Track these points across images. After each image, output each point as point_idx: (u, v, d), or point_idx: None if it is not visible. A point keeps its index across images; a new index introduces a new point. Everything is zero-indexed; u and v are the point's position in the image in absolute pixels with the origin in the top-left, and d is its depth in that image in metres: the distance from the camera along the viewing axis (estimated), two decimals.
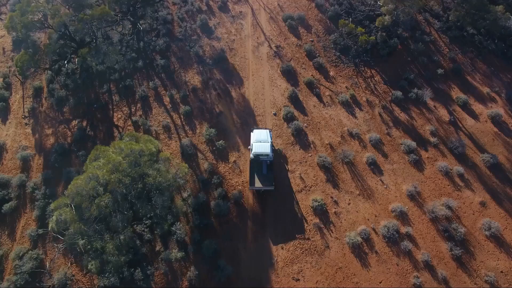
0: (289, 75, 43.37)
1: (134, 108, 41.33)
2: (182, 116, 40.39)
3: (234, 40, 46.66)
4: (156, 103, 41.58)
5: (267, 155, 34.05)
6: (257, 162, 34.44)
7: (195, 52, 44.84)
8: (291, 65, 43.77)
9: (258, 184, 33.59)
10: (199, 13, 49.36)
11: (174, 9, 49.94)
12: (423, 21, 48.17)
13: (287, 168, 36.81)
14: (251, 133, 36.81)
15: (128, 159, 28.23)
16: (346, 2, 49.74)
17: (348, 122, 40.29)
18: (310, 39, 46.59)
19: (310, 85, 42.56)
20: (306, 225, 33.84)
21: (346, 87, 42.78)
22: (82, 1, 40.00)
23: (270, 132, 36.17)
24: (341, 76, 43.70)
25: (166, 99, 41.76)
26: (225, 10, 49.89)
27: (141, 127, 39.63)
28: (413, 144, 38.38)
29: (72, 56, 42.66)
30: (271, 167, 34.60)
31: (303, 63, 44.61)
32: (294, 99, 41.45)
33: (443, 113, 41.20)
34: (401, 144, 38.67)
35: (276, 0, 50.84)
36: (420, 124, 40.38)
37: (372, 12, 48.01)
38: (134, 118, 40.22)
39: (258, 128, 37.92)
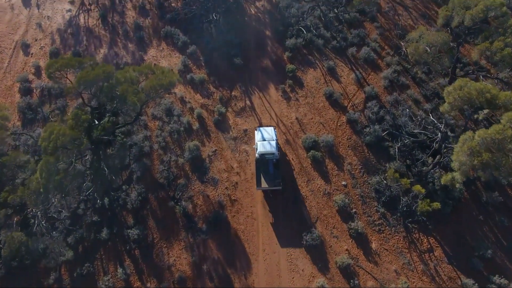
0: (316, 251, 28.82)
1: None
2: None
3: (237, 183, 31.73)
4: None
5: (273, 153, 30.47)
6: (263, 161, 30.77)
7: (182, 209, 29.93)
8: (318, 234, 29.27)
9: (264, 184, 30.05)
10: (189, 134, 33.95)
11: (154, 127, 34.44)
12: None
13: None
14: (255, 131, 32.06)
15: None
16: (388, 117, 34.37)
17: None
18: (343, 183, 31.71)
19: (346, 270, 28.31)
20: None
21: (395, 271, 28.47)
22: None
23: (274, 129, 32.09)
24: (387, 250, 29.31)
25: None
26: (224, 127, 34.50)
27: None
28: None
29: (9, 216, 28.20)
30: (277, 166, 30.83)
31: (333, 227, 30.05)
32: None
33: None
34: None
35: (293, 111, 35.37)
36: None
37: (426, 135, 32.86)
38: None
39: (261, 126, 33.51)
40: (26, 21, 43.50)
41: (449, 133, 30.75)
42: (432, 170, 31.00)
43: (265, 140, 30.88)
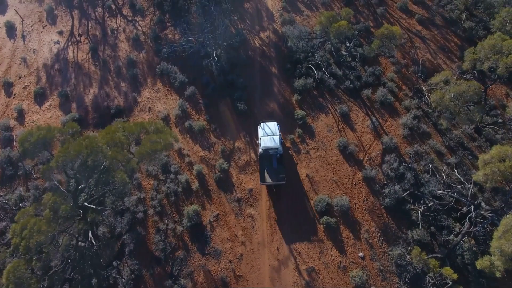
0: None
1: None
2: None
3: (242, 255, 27.65)
4: None
5: (277, 148, 29.49)
6: (267, 156, 29.71)
7: None
8: None
9: (268, 179, 28.93)
10: (187, 195, 29.77)
11: (148, 187, 30.26)
12: None
13: None
14: (258, 127, 30.87)
15: None
16: (409, 174, 30.18)
17: None
18: (359, 255, 27.70)
19: None
20: None
21: None
22: None
23: (278, 124, 30.87)
24: None
25: None
26: (227, 186, 30.30)
27: None
28: None
29: None
30: (281, 161, 29.74)
31: None
32: None
33: None
34: None
35: (303, 166, 30.77)
36: None
37: (452, 196, 28.66)
38: None
39: (265, 121, 31.59)
40: (10, 55, 38.94)
41: (482, 205, 26.59)
42: (461, 240, 27.00)
43: (268, 135, 29.78)
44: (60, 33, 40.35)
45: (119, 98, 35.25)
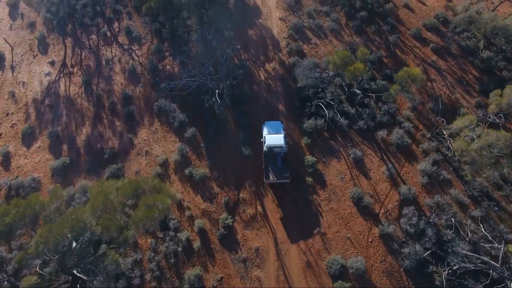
0: None
1: None
2: None
3: None
4: None
5: (281, 147, 28.94)
6: (271, 154, 29.22)
7: None
8: None
9: (272, 177, 28.51)
10: (188, 256, 26.55)
11: (145, 246, 27.06)
12: None
13: None
14: (263, 125, 30.42)
15: None
16: (430, 231, 27.04)
17: None
18: None
19: None
20: None
21: None
22: None
23: (282, 123, 30.63)
24: None
25: None
26: (231, 245, 27.13)
27: None
28: None
29: None
30: (285, 159, 29.20)
31: None
32: None
33: None
34: None
35: (314, 220, 28.16)
36: None
37: (479, 259, 25.62)
38: None
39: (269, 120, 31.31)
40: None
41: None
42: None
43: (273, 133, 29.42)
44: (52, 63, 37.02)
45: (113, 140, 32.06)
